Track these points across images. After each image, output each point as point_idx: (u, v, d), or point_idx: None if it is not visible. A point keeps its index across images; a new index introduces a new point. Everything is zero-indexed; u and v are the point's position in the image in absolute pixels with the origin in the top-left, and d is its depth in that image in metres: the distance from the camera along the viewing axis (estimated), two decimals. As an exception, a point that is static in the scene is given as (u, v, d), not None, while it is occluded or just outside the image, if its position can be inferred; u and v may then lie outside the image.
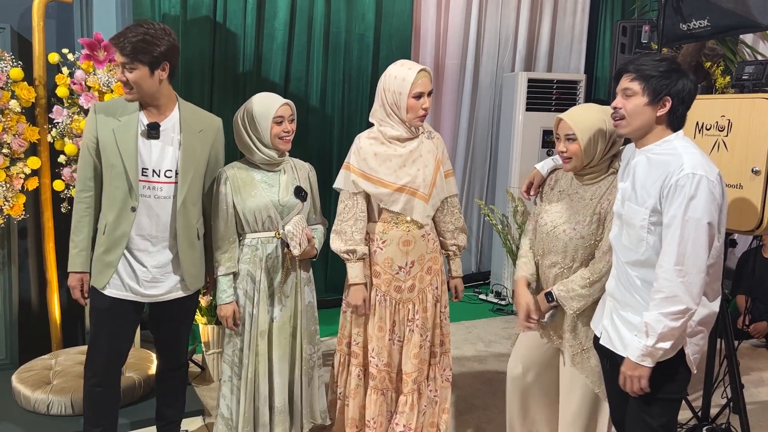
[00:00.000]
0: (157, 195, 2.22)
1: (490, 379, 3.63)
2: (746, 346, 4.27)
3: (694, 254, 1.75)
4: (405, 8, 4.71)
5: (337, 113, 4.61)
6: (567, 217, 2.21)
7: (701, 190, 1.74)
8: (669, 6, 2.84)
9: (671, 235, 1.76)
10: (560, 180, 2.32)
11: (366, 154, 2.43)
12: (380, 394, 2.53)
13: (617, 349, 1.98)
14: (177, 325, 2.43)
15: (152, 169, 2.21)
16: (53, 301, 3.20)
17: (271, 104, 2.37)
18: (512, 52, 5.38)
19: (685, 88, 1.83)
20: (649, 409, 1.93)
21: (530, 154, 5.04)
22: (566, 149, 2.15)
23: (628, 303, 1.94)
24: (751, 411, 2.97)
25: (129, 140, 2.17)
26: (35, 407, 2.75)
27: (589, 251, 2.17)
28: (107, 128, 2.17)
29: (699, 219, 1.74)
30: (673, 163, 1.80)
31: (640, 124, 1.88)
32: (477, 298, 5.21)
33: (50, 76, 3.04)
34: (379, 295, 2.50)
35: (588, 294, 2.14)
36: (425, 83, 2.37)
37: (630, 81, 1.88)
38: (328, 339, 4.00)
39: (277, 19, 4.29)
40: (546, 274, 2.28)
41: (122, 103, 2.21)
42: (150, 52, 2.09)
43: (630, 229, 1.90)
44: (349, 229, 2.45)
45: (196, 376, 3.41)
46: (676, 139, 1.87)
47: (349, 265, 2.47)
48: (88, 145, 2.20)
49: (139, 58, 2.08)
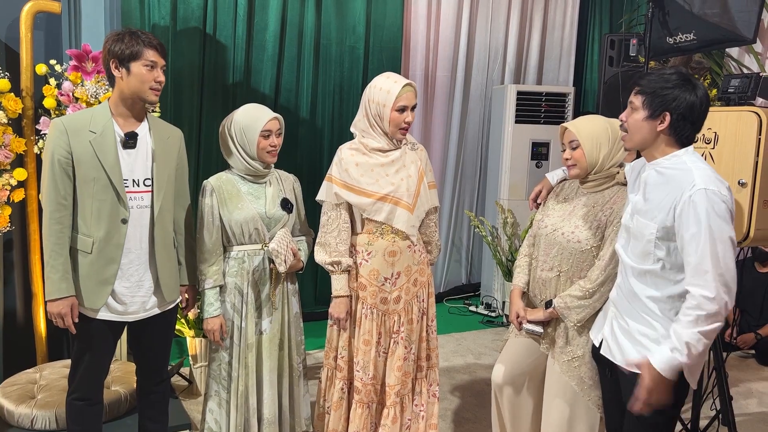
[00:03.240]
0: (139, 205, 2.18)
1: (480, 391, 3.62)
2: (734, 357, 4.29)
3: (728, 268, 1.73)
4: (395, 21, 4.74)
5: (327, 125, 4.62)
6: (567, 221, 2.25)
7: (716, 205, 1.73)
8: (656, 20, 2.87)
9: (700, 252, 1.72)
10: (566, 187, 2.36)
11: (348, 165, 2.43)
12: (365, 407, 2.51)
13: (616, 359, 1.98)
14: (158, 341, 2.37)
15: (131, 179, 2.15)
16: (38, 314, 3.16)
17: (259, 117, 2.37)
18: (502, 65, 5.42)
19: (686, 103, 1.80)
20: (647, 421, 1.92)
21: (519, 166, 5.06)
22: (570, 156, 2.21)
23: (629, 313, 1.95)
24: (740, 423, 2.98)
25: (109, 151, 2.11)
26: (19, 422, 2.71)
27: (584, 258, 2.19)
28: (82, 142, 2.08)
29: (721, 230, 1.73)
30: (685, 180, 1.79)
31: (641, 138, 1.88)
32: (467, 310, 5.20)
33: (37, 87, 3.02)
34: (366, 308, 2.48)
35: (588, 305, 2.15)
36: (409, 98, 2.38)
37: (635, 94, 1.88)
38: (317, 351, 3.98)
39: (267, 30, 4.29)
40: (542, 278, 2.28)
41: (87, 115, 2.14)
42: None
43: (637, 242, 1.90)
44: (333, 241, 2.44)
45: (184, 389, 3.38)
46: (685, 154, 1.85)
47: (334, 277, 2.46)
48: (60, 161, 2.08)
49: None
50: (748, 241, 2.36)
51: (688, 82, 1.83)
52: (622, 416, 2.03)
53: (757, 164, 2.28)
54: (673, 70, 1.87)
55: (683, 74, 1.85)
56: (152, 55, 2.10)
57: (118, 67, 2.09)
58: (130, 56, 2.08)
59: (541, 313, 2.27)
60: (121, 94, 2.13)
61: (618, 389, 2.03)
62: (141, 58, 2.08)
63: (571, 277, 2.22)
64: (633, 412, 1.87)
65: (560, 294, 2.21)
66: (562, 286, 2.23)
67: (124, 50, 2.07)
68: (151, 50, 2.10)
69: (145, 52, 2.09)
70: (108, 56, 2.10)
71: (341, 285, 2.45)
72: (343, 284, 2.45)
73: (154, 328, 2.31)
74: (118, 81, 2.12)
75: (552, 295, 2.25)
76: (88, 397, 2.25)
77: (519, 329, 2.33)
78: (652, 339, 1.90)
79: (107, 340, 2.24)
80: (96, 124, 2.11)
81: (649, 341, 1.90)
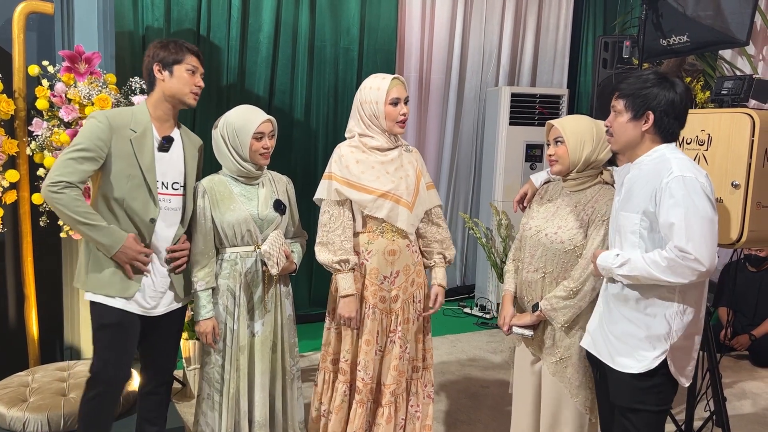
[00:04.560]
0: (167, 207, 2.25)
1: (474, 393, 3.61)
2: (728, 359, 4.30)
3: (702, 234, 1.76)
4: (390, 23, 4.74)
5: (322, 127, 4.61)
6: (550, 222, 2.25)
7: (693, 189, 1.78)
8: (649, 22, 2.87)
9: (673, 217, 1.78)
10: (549, 189, 2.37)
11: (348, 162, 2.42)
12: (364, 407, 2.50)
13: (604, 359, 1.99)
14: (169, 339, 2.42)
15: (161, 182, 2.24)
16: (31, 316, 3.14)
17: (253, 119, 2.36)
18: (496, 67, 5.43)
19: (666, 100, 1.85)
20: (633, 419, 1.93)
21: (514, 167, 5.06)
22: (554, 152, 2.22)
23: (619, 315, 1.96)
24: (733, 424, 2.98)
25: (147, 152, 2.19)
26: (11, 425, 2.68)
27: (568, 258, 2.19)
28: (123, 138, 2.15)
29: (696, 206, 1.77)
30: (663, 168, 1.84)
31: (626, 140, 1.93)
32: (461, 312, 5.20)
33: (30, 89, 3.00)
34: (368, 308, 2.47)
35: (573, 305, 2.15)
36: (400, 90, 2.41)
37: (616, 99, 1.94)
38: (312, 354, 3.96)
39: (261, 32, 4.28)
40: (528, 280, 2.28)
41: (128, 113, 2.22)
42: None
43: (624, 238, 1.93)
44: (337, 239, 2.41)
45: (177, 392, 3.36)
46: (666, 148, 1.91)
47: (341, 276, 2.42)
48: (96, 148, 2.10)
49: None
50: (741, 243, 2.36)
51: (666, 80, 1.89)
52: (614, 415, 2.04)
53: (750, 166, 2.28)
54: (650, 71, 1.93)
55: (660, 73, 1.92)
56: (194, 61, 2.25)
57: (161, 70, 2.21)
58: (174, 60, 2.21)
59: (527, 317, 2.27)
60: (161, 96, 2.23)
61: (608, 390, 2.03)
62: (184, 62, 2.22)
63: (556, 278, 2.22)
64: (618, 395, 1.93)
65: (546, 296, 2.22)
66: (547, 288, 2.23)
67: (169, 55, 2.21)
68: (194, 57, 2.25)
69: (188, 57, 2.23)
70: (153, 60, 2.21)
71: (349, 284, 2.41)
72: (351, 282, 2.41)
73: (167, 325, 2.35)
74: (159, 83, 2.22)
75: (538, 297, 2.25)
76: (111, 396, 2.26)
77: (507, 333, 2.33)
78: (639, 338, 1.91)
79: (134, 329, 2.26)
80: (137, 123, 2.20)
81: (636, 341, 1.91)
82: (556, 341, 2.24)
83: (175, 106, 2.27)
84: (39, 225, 2.97)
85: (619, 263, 1.89)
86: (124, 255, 2.14)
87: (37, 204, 2.95)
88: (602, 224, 2.13)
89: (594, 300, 2.14)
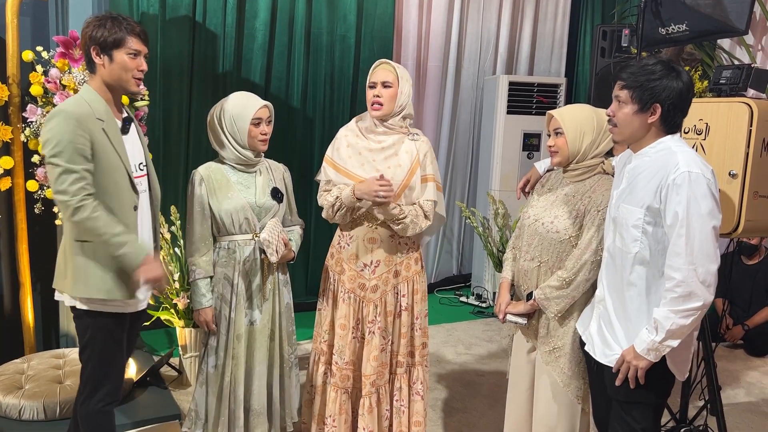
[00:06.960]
0: (142, 190, 2.11)
1: (470, 381, 3.63)
2: (723, 348, 4.32)
3: (702, 248, 1.74)
4: (387, 10, 4.71)
5: (319, 114, 4.59)
6: (548, 211, 2.25)
7: (699, 187, 1.75)
8: (648, 11, 2.86)
9: (677, 233, 1.76)
10: (551, 178, 2.36)
11: (340, 144, 2.50)
12: (342, 392, 2.51)
13: (598, 357, 1.98)
14: (137, 334, 2.33)
15: (132, 164, 2.08)
16: (26, 303, 3.13)
17: (250, 105, 2.34)
18: (493, 56, 5.40)
19: (674, 92, 1.80)
20: (632, 412, 1.93)
21: (511, 156, 5.05)
22: (554, 143, 2.21)
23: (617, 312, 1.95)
24: (728, 412, 3.00)
25: (118, 137, 2.04)
26: (6, 412, 2.68)
27: (564, 248, 2.19)
28: (96, 129, 1.97)
29: (702, 214, 1.74)
30: (669, 162, 1.80)
31: (631, 131, 1.88)
32: (458, 301, 5.21)
33: (24, 75, 2.97)
34: (344, 292, 2.49)
35: (566, 294, 2.15)
36: (380, 74, 2.43)
37: (620, 89, 1.87)
38: (308, 342, 3.97)
39: (257, 19, 4.25)
40: (524, 268, 2.28)
41: (83, 102, 2.02)
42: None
43: (624, 230, 1.90)
44: (335, 190, 2.46)
45: (173, 380, 3.36)
46: (671, 140, 1.87)
47: (344, 193, 2.40)
48: (83, 149, 1.93)
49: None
50: (738, 233, 2.36)
51: (673, 69, 1.83)
52: (609, 406, 2.04)
53: (748, 155, 2.28)
54: (654, 60, 1.86)
55: (666, 63, 1.85)
56: (135, 43, 2.02)
57: (99, 54, 2.00)
58: (113, 44, 1.98)
59: (522, 306, 2.27)
60: (103, 81, 2.04)
61: (603, 382, 2.03)
62: (124, 46, 1.99)
63: (551, 267, 2.21)
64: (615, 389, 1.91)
65: (540, 285, 2.22)
66: (542, 277, 2.23)
67: (107, 37, 1.98)
68: (135, 38, 2.01)
69: (129, 40, 2.00)
70: (89, 42, 2.00)
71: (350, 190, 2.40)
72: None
73: (140, 320, 2.28)
74: (99, 68, 2.02)
75: (534, 286, 2.25)
76: (117, 398, 2.16)
77: (502, 321, 2.34)
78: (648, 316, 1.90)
79: (121, 332, 2.14)
80: (99, 111, 2.01)
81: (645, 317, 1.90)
82: (550, 330, 2.24)
83: (118, 91, 2.07)
84: (34, 212, 2.96)
85: (653, 329, 1.80)
86: (147, 271, 1.96)
87: (32, 191, 2.94)
88: (597, 214, 2.12)
89: (589, 292, 2.14)
